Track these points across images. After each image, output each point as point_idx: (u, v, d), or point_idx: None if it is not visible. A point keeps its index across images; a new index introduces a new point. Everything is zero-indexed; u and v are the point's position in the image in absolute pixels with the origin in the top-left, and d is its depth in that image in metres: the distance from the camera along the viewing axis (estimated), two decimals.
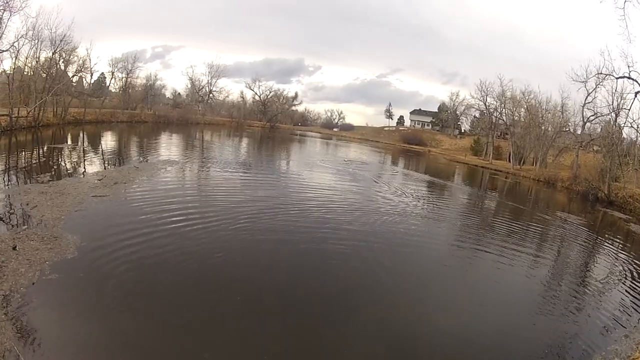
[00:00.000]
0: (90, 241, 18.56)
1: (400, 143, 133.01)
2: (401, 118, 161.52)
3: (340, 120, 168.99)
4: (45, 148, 42.16)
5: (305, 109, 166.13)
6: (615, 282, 23.58)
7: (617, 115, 54.55)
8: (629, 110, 41.97)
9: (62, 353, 11.29)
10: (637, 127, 47.70)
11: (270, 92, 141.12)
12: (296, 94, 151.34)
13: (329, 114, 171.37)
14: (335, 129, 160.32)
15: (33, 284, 14.01)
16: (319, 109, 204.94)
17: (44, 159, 37.40)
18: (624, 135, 57.25)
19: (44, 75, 54.16)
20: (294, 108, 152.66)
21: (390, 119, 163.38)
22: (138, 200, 27.11)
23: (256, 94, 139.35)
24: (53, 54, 56.35)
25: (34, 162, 34.68)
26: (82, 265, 16.08)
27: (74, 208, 22.81)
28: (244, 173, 45.39)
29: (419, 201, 42.48)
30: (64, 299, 13.82)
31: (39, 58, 56.04)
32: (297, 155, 74.44)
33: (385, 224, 31.05)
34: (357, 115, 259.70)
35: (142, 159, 44.32)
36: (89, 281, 15.14)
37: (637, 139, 51.79)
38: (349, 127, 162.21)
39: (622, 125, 53.12)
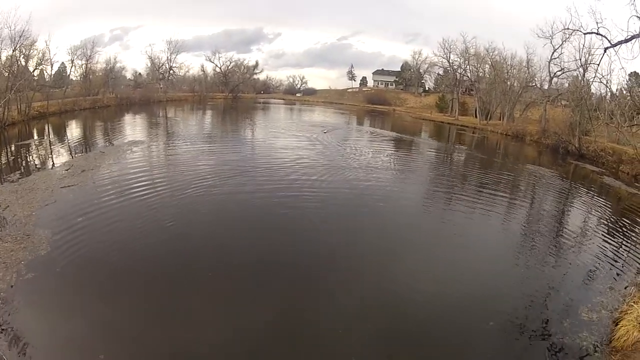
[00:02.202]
0: (61, 234, 18.91)
1: (364, 104, 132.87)
2: (364, 79, 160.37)
3: (303, 85, 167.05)
4: (12, 147, 41.27)
5: (267, 77, 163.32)
6: (593, 233, 24.40)
7: (585, 71, 55.64)
8: (598, 65, 42.74)
9: (45, 351, 11.50)
10: (607, 82, 48.75)
11: (230, 63, 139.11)
12: (257, 63, 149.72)
13: (291, 80, 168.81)
14: (298, 94, 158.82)
15: (12, 286, 14.20)
16: (280, 75, 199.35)
17: (13, 157, 36.77)
18: (593, 90, 58.59)
19: (7, 74, 52.13)
20: (255, 77, 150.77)
21: (353, 81, 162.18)
22: (106, 185, 27.47)
23: (217, 65, 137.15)
24: (13, 51, 54.52)
25: (3, 162, 34.04)
26: (56, 260, 16.37)
27: (44, 202, 23.11)
28: (208, 145, 46.26)
29: (388, 157, 43.63)
30: (43, 297, 14.01)
31: (0, 57, 54.58)
32: (260, 123, 74.73)
33: (357, 181, 31.86)
34: (320, 79, 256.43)
35: (107, 143, 44.46)
36: (65, 275, 15.44)
37: (606, 94, 52.97)
38: (312, 92, 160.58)
39: (591, 80, 54.03)
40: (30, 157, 37.28)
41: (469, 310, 14.50)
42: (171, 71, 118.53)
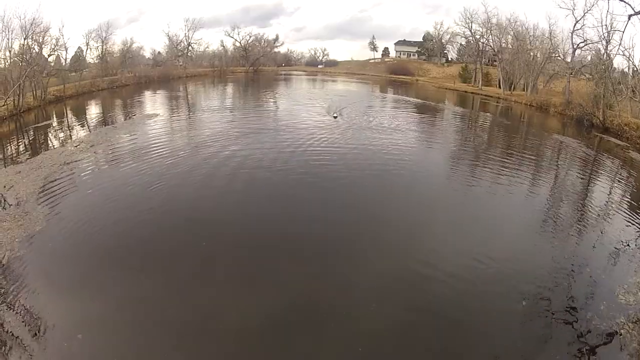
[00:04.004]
0: (58, 210, 19.47)
1: (386, 74, 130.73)
2: (386, 50, 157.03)
3: (325, 57, 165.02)
4: (26, 131, 41.78)
5: (288, 50, 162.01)
6: (620, 207, 23.48)
7: (607, 43, 53.31)
8: (623, 32, 41.00)
9: (29, 327, 11.53)
10: (629, 56, 46.97)
11: (250, 37, 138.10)
12: (277, 36, 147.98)
13: (312, 52, 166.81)
14: (320, 66, 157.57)
15: (2, 265, 14.52)
16: (301, 48, 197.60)
17: (24, 140, 37.30)
18: (615, 65, 56.65)
19: (20, 63, 52.62)
20: (276, 50, 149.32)
21: (375, 52, 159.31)
22: (112, 159, 28.16)
23: (236, 40, 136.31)
24: (25, 39, 54.85)
25: (14, 145, 34.48)
26: (50, 236, 16.79)
27: (48, 180, 23.57)
28: (223, 115, 47.63)
29: (413, 123, 44.43)
30: (32, 273, 14.08)
31: (12, 47, 55.02)
32: (282, 94, 75.82)
33: (381, 146, 32.14)
34: (342, 51, 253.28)
35: (122, 119, 45.40)
36: (57, 251, 15.76)
37: (629, 68, 51.05)
38: (334, 63, 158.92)
39: (615, 52, 52.05)
40: (42, 138, 37.72)
41: (495, 288, 14.00)
42: (190, 47, 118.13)
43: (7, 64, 53.76)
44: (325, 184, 23.41)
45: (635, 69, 49.67)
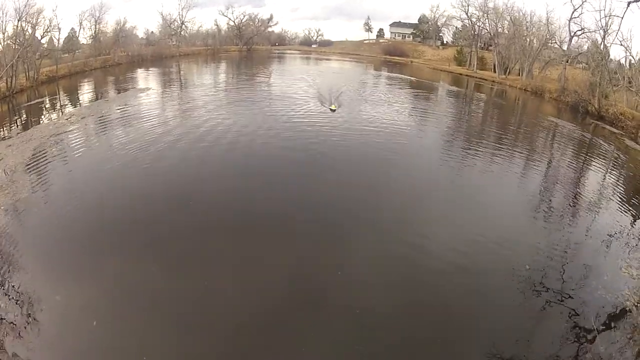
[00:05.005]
0: (45, 177, 20.26)
1: (381, 55, 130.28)
2: (381, 31, 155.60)
3: (319, 37, 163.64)
4: (17, 109, 41.99)
5: (282, 30, 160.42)
6: (612, 193, 23.86)
7: (605, 32, 53.23)
8: (622, 19, 41.03)
9: (9, 293, 11.84)
10: (627, 46, 47.23)
11: (244, 17, 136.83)
12: (271, 16, 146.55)
13: (306, 32, 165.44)
14: (314, 46, 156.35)
15: None
16: (296, 28, 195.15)
17: (16, 118, 37.61)
18: (612, 56, 56.92)
19: (14, 45, 52.09)
20: (270, 29, 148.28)
21: (370, 32, 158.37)
22: (101, 129, 28.93)
23: (230, 19, 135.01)
24: (18, 21, 53.71)
25: (4, 123, 34.37)
26: (34, 202, 17.52)
27: (37, 150, 24.30)
28: (214, 90, 48.90)
29: (407, 102, 44.43)
30: (13, 239, 14.54)
31: (5, 30, 53.83)
32: (274, 71, 76.91)
33: (376, 122, 32.49)
34: (337, 31, 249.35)
35: (114, 94, 46.37)
36: (39, 216, 16.35)
37: (625, 59, 51.38)
38: (328, 43, 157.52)
39: (612, 42, 52.18)
40: (33, 115, 37.90)
41: (493, 266, 14.29)
42: (183, 26, 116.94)
43: (0, 46, 53.03)
44: (321, 164, 23.58)
45: (632, 59, 49.90)
